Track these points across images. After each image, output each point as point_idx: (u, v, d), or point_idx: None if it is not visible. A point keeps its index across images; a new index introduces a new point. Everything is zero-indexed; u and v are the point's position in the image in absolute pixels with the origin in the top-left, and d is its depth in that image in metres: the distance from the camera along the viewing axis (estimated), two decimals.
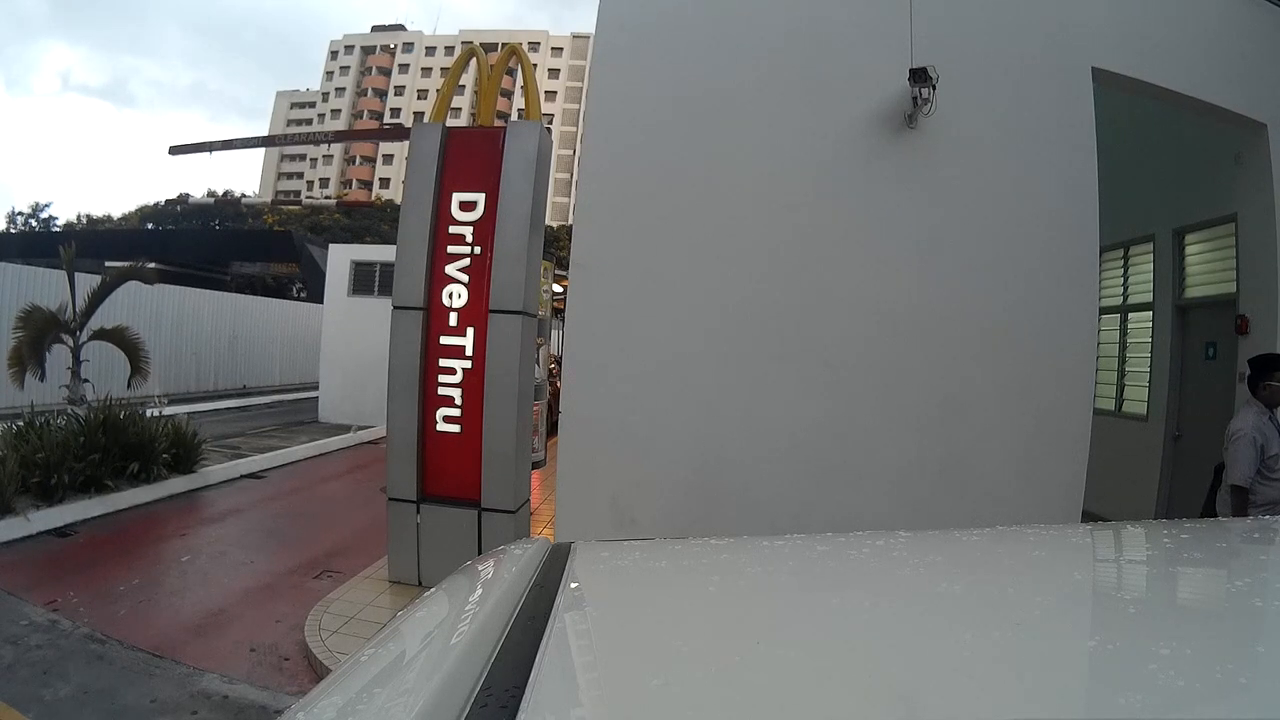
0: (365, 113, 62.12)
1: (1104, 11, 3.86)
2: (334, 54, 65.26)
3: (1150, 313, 5.52)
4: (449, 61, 36.37)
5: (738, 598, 0.88)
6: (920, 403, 3.63)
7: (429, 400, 4.49)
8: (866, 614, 0.79)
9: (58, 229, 36.29)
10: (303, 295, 23.16)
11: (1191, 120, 4.47)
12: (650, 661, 0.67)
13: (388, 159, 59.33)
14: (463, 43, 31.31)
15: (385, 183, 58.74)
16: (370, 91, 63.07)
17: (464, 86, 22.35)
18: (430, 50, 63.23)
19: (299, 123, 61.47)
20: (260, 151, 56.63)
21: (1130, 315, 5.82)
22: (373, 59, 63.99)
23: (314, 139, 34.16)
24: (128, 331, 8.06)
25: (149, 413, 6.99)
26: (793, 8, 3.84)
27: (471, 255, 4.46)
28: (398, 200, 11.79)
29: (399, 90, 62.45)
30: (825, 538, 1.07)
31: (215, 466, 7.67)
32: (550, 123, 44.47)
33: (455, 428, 4.47)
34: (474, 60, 5.20)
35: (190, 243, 27.05)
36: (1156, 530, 1.18)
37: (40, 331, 7.28)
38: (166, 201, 45.81)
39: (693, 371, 3.73)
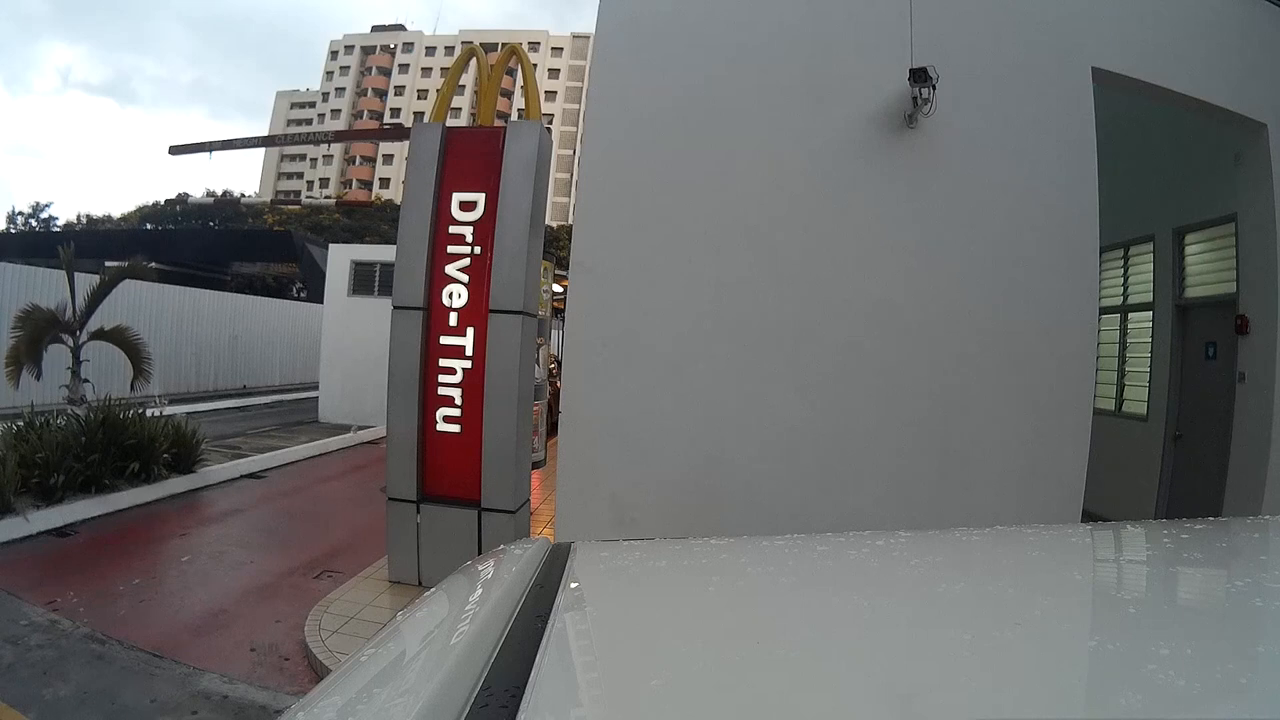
0: (365, 113, 62.08)
1: (1104, 11, 3.86)
2: (334, 54, 65.24)
3: (1150, 313, 5.51)
4: (449, 61, 36.38)
5: (738, 598, 0.88)
6: (920, 402, 3.63)
7: (429, 400, 4.49)
8: (867, 614, 0.79)
9: (58, 229, 36.32)
10: (303, 295, 23.16)
11: (1191, 120, 4.47)
12: (650, 661, 0.67)
13: (388, 159, 59.31)
14: (463, 43, 31.29)
15: (385, 183, 58.71)
16: (370, 91, 63.04)
17: (464, 86, 22.35)
18: (430, 50, 63.21)
19: (299, 122, 61.44)
20: (260, 151, 56.62)
21: (1130, 315, 5.82)
22: (373, 59, 63.97)
23: (314, 139, 34.09)
24: (128, 332, 8.05)
25: (149, 413, 6.99)
26: (793, 8, 3.83)
27: (471, 255, 4.46)
28: (398, 200, 11.78)
29: (399, 90, 62.42)
30: (825, 538, 1.07)
31: (215, 466, 7.68)
32: (550, 123, 44.44)
33: (455, 428, 4.47)
34: (474, 60, 5.20)
35: (190, 243, 27.04)
36: (1156, 530, 1.18)
37: (39, 331, 7.27)
38: (166, 201, 45.78)
39: (693, 371, 3.72)
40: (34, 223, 39.67)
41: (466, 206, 4.49)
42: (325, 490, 7.88)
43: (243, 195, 52.36)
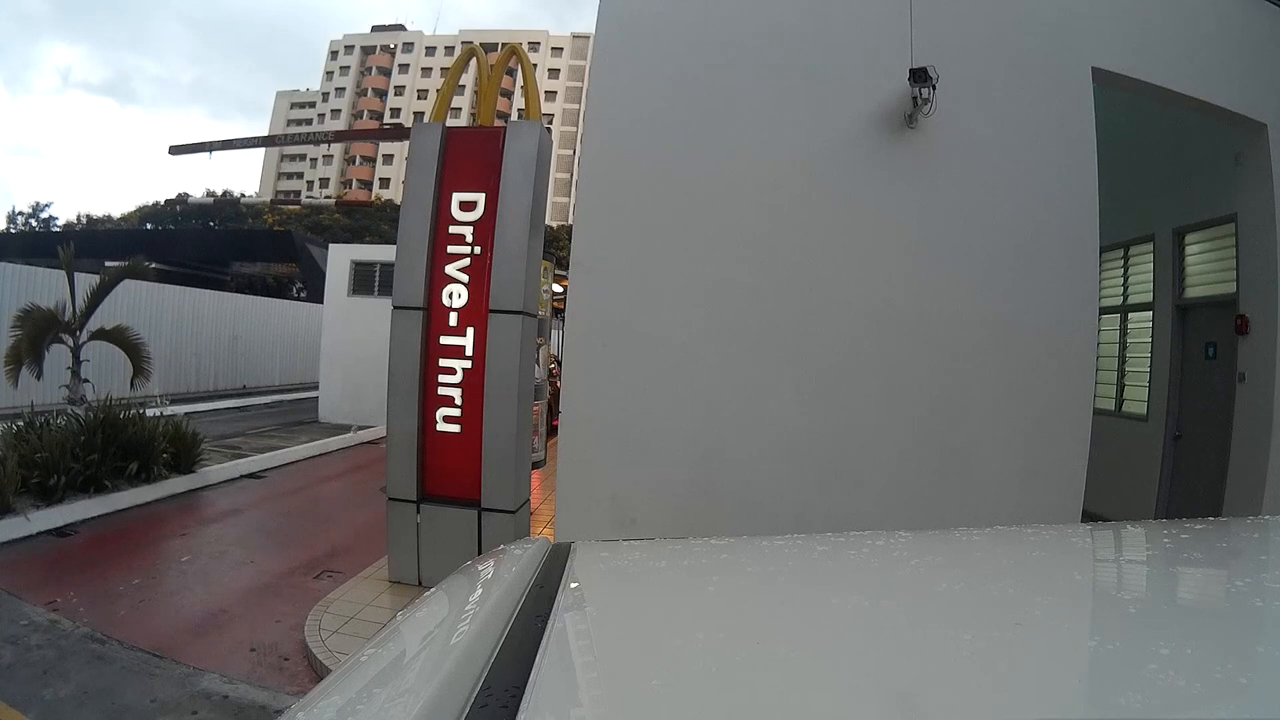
0: (365, 113, 62.08)
1: (1104, 11, 3.86)
2: (334, 54, 65.24)
3: (1150, 313, 5.51)
4: (449, 61, 36.37)
5: (738, 598, 0.88)
6: (920, 402, 3.63)
7: (429, 400, 4.49)
8: (867, 614, 0.79)
9: (58, 229, 36.34)
10: (303, 295, 23.18)
11: (1191, 120, 4.47)
12: (650, 661, 0.67)
13: (388, 159, 59.31)
14: (463, 43, 31.29)
15: (385, 183, 58.71)
16: (370, 91, 63.04)
17: (464, 86, 22.34)
18: (430, 50, 63.21)
19: (299, 122, 61.45)
20: (260, 151, 56.61)
21: (1130, 315, 5.82)
22: (373, 59, 63.96)
23: (314, 139, 34.12)
24: (128, 331, 8.07)
25: (149, 413, 6.99)
26: (793, 8, 3.84)
27: (471, 255, 4.46)
28: (398, 200, 11.79)
29: (399, 90, 62.43)
30: (825, 538, 1.07)
31: (215, 466, 7.67)
32: (550, 123, 44.45)
33: (455, 428, 4.47)
34: (474, 60, 5.20)
35: (190, 243, 27.07)
36: (1156, 530, 1.18)
37: (39, 331, 7.27)
38: (166, 201, 45.80)
39: (693, 371, 3.72)
40: (34, 223, 39.75)
41: (466, 206, 4.49)
42: (325, 490, 7.88)
43: (243, 195, 52.42)
